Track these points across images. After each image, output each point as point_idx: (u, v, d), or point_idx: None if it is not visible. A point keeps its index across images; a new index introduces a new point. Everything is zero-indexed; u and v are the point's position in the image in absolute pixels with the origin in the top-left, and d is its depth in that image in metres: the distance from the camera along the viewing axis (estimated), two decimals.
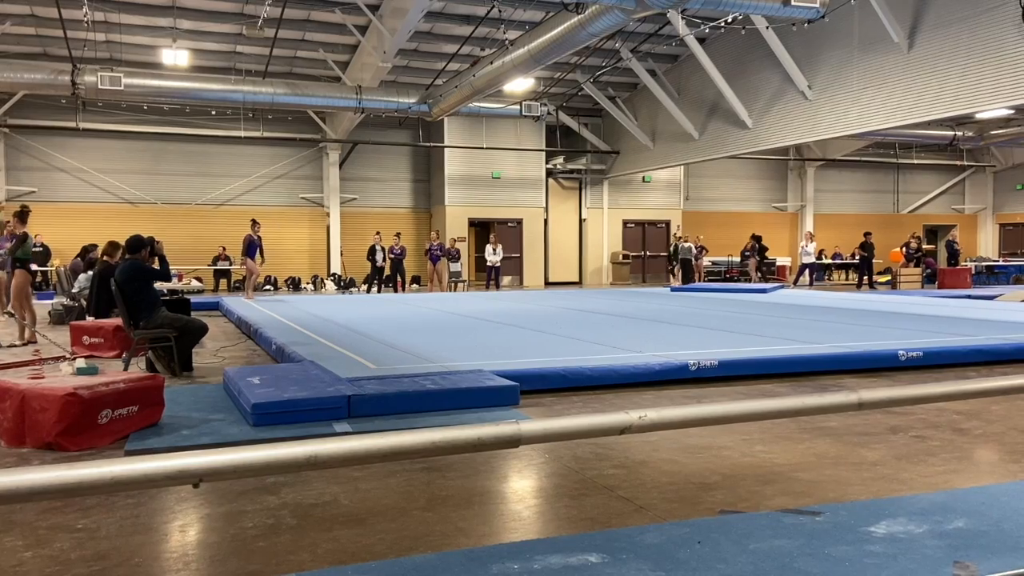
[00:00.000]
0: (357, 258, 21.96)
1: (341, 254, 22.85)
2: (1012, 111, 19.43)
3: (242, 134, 21.55)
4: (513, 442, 1.23)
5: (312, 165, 23.55)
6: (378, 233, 20.16)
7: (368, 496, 3.64)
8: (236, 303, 14.25)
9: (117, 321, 8.04)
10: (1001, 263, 25.53)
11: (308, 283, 22.60)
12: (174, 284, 10.34)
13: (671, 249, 23.67)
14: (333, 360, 6.81)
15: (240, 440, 4.53)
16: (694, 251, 22.80)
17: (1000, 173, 29.67)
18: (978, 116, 19.34)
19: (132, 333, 7.10)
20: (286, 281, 22.51)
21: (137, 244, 7.28)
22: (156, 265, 7.41)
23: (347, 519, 3.33)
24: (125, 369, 6.96)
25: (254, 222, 16.53)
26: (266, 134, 22.16)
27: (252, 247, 16.42)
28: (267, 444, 1.15)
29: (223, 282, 21.90)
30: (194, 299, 12.37)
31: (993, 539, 2.93)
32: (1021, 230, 27.78)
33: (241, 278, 21.83)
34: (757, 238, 22.84)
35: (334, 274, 22.59)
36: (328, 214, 23.19)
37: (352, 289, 21.44)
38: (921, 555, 2.78)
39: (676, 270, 22.74)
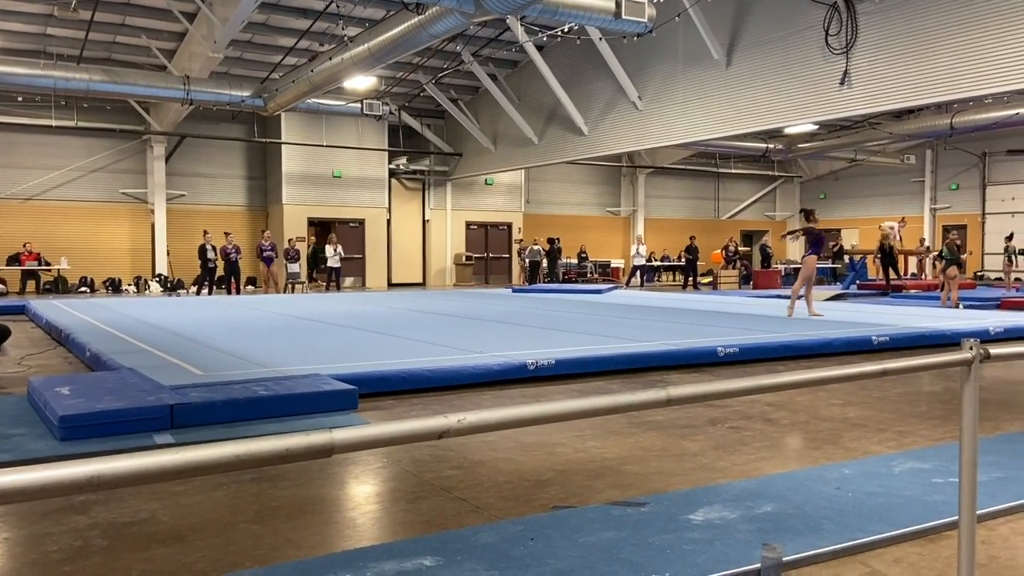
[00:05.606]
0: (187, 258, 20.72)
1: (168, 254, 21.47)
2: (816, 126, 21.37)
3: (53, 123, 19.74)
4: (325, 452, 1.19)
5: (135, 158, 21.97)
6: (206, 232, 19.15)
7: (190, 511, 3.43)
8: (46, 306, 13.00)
9: None
10: None
11: (130, 284, 21.07)
12: None
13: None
14: (155, 367, 6.40)
15: (45, 456, 4.14)
16: (542, 253, 23.84)
17: (806, 183, 32.58)
18: (787, 130, 21.10)
19: None
20: (105, 283, 20.87)
21: None
22: None
23: (166, 537, 3.13)
24: None
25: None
26: (81, 124, 20.41)
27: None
28: (44, 464, 1.05)
29: (31, 283, 19.96)
30: None
31: (797, 521, 3.19)
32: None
33: (53, 279, 20.09)
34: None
35: (160, 275, 21.20)
36: (153, 211, 21.71)
37: (180, 291, 20.22)
38: (734, 539, 2.98)
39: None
